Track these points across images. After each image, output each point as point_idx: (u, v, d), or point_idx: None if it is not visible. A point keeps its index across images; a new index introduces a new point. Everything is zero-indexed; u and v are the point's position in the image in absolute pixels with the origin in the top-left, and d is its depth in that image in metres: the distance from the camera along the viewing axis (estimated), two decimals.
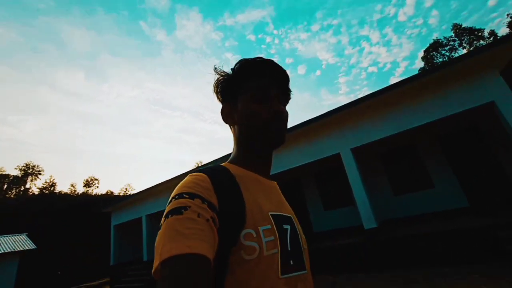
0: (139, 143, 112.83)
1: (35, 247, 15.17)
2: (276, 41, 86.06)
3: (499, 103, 4.70)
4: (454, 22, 50.39)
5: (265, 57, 0.64)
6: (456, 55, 29.95)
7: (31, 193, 42.79)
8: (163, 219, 0.42)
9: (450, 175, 6.56)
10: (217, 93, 0.67)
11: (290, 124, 7.53)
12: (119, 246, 12.14)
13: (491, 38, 28.44)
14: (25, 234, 16.23)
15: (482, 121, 6.33)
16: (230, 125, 0.67)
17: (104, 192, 51.63)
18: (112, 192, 51.53)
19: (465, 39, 30.23)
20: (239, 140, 0.63)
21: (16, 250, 14.27)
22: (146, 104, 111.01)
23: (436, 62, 30.85)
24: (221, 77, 0.66)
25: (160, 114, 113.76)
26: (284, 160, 7.12)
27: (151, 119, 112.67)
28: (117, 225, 12.20)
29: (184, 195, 0.44)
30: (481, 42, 29.14)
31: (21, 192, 43.83)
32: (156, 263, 0.37)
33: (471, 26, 30.21)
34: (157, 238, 0.40)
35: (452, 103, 5.15)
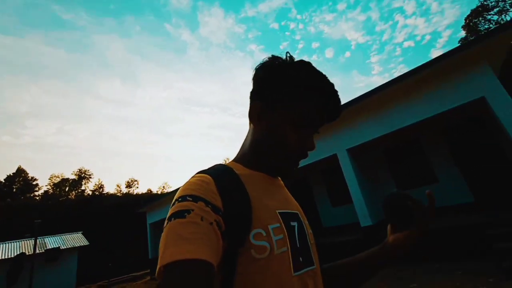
0: (174, 142, 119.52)
1: (88, 243, 17.78)
2: (301, 26, 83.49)
3: (490, 99, 4.60)
4: None
5: (317, 68, 0.54)
6: (508, 18, 26.31)
7: (86, 194, 48.60)
8: (166, 221, 0.41)
9: (454, 170, 6.42)
10: (258, 79, 0.58)
11: None
12: (156, 242, 13.69)
13: None
14: (80, 232, 19.00)
15: (484, 113, 6.07)
16: (252, 124, 0.60)
17: (144, 191, 56.46)
18: (151, 191, 56.15)
19: None
20: (254, 146, 0.59)
21: (75, 246, 16.90)
22: (177, 103, 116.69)
23: (481, 30, 27.44)
24: (275, 64, 0.56)
25: (191, 112, 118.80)
26: None
27: (183, 118, 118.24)
28: (152, 223, 13.73)
29: (188, 198, 0.43)
30: None
31: (79, 194, 50.00)
32: (158, 266, 0.36)
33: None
34: (160, 241, 0.39)
35: (443, 100, 5.11)
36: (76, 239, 17.86)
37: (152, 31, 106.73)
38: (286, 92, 0.54)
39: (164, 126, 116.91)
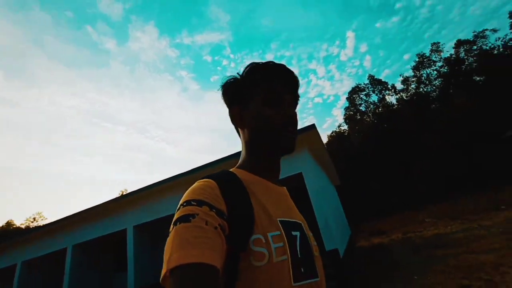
0: (74, 159, 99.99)
1: None
2: (232, 64, 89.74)
3: (304, 174, 6.39)
4: (381, 67, 60.83)
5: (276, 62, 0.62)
6: (371, 100, 36.06)
7: None
8: (171, 226, 0.42)
9: None
10: (224, 94, 0.66)
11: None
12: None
13: (393, 90, 35.36)
14: None
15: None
16: (238, 129, 0.67)
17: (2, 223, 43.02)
18: (11, 224, 43.18)
19: (377, 88, 36.72)
20: (248, 145, 0.63)
21: None
22: (85, 115, 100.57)
23: (357, 103, 36.56)
24: (230, 79, 0.65)
25: (101, 128, 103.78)
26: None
27: (89, 133, 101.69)
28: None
29: (192, 202, 0.44)
30: (387, 92, 35.84)
31: None
32: (163, 271, 0.37)
33: (380, 78, 37.22)
34: (165, 246, 0.40)
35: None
36: None
37: (67, 29, 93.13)
38: (249, 86, 0.62)
39: (60, 139, 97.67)
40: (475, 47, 30.31)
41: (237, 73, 0.65)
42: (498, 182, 16.92)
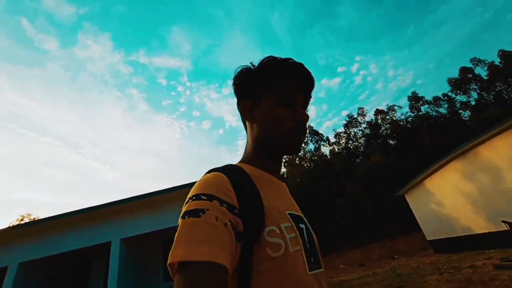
0: None
1: None
2: (188, 92, 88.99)
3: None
4: (323, 119, 68.95)
5: (295, 61, 0.61)
6: (308, 148, 40.02)
7: None
8: (180, 219, 0.41)
9: None
10: (236, 85, 0.64)
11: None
12: None
13: (327, 141, 40.33)
14: None
15: None
16: (247, 123, 0.65)
17: None
18: None
19: (315, 138, 41.19)
20: (256, 141, 0.62)
21: None
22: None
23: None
24: (244, 69, 0.63)
25: (18, 136, 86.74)
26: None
27: None
28: None
29: (202, 197, 0.42)
30: (322, 143, 40.53)
31: None
32: (170, 260, 0.36)
33: (316, 129, 42.13)
34: (175, 238, 0.38)
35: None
36: None
37: None
38: (265, 81, 0.60)
39: None
40: (388, 116, 37.81)
41: (251, 63, 0.63)
42: (395, 232, 19.90)
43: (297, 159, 38.46)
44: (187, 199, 0.44)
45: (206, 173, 0.51)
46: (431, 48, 74.21)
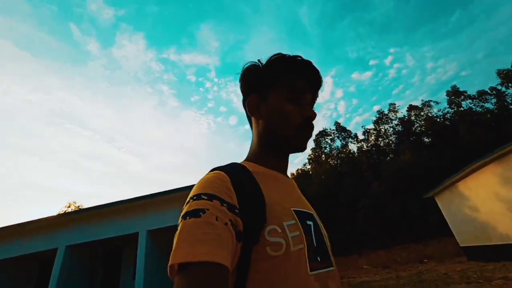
0: (19, 161, 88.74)
1: None
2: (215, 88, 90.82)
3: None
4: (353, 114, 66.77)
5: (304, 58, 0.61)
6: (335, 144, 38.93)
7: None
8: (180, 219, 0.41)
9: None
10: (244, 80, 0.65)
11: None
12: None
13: (355, 138, 38.79)
14: None
15: None
16: (253, 118, 0.65)
17: None
18: None
19: (342, 134, 39.89)
20: (261, 137, 0.62)
21: None
22: (47, 113, 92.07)
23: (322, 146, 39.15)
24: (252, 65, 0.64)
25: (63, 129, 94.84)
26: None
27: (45, 133, 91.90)
28: None
29: (203, 196, 0.43)
30: (350, 140, 39.10)
31: None
32: (171, 262, 0.36)
33: (345, 125, 40.75)
34: (175, 238, 0.39)
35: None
36: None
37: (47, 22, 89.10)
38: (273, 77, 0.60)
39: (7, 134, 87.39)
40: (422, 113, 35.17)
41: (258, 60, 0.64)
42: (423, 235, 18.69)
43: (323, 156, 37.68)
44: (188, 199, 0.44)
45: (209, 172, 0.51)
46: (481, 36, 65.67)
